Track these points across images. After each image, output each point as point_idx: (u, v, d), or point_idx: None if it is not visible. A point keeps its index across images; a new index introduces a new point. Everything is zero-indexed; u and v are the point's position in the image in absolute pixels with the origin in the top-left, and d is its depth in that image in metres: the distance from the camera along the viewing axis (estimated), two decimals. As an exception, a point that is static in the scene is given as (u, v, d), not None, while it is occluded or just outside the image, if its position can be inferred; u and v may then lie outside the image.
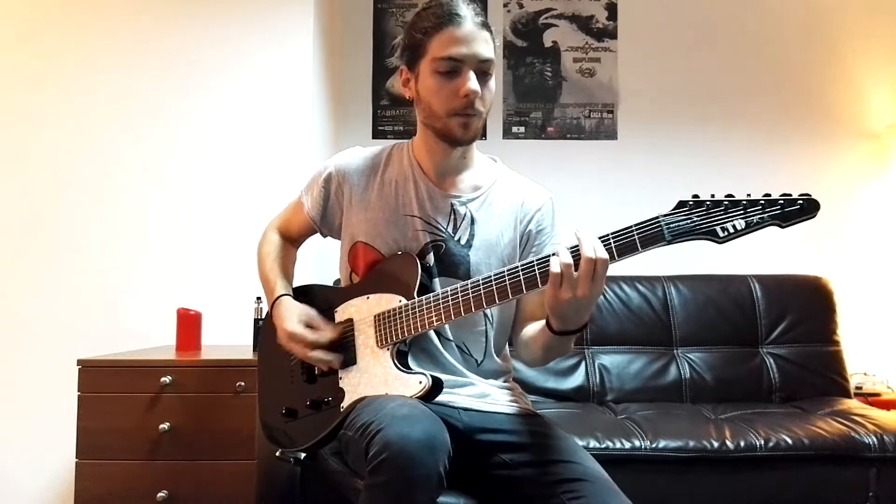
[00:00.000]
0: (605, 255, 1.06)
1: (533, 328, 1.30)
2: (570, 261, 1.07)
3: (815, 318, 2.46)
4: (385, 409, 1.11)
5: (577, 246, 1.07)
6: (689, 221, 1.05)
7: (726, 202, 1.04)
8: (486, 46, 1.28)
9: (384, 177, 1.41)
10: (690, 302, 2.47)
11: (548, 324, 1.18)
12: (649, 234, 1.06)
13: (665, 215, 1.06)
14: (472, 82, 1.26)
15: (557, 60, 2.86)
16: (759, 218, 1.03)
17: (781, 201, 1.03)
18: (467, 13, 1.28)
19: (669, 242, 1.06)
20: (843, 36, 2.82)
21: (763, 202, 1.03)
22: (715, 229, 1.04)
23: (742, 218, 1.03)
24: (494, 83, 1.32)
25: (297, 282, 1.52)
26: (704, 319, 2.45)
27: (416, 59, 1.31)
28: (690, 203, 1.06)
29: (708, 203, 1.05)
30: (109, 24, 2.33)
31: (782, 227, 1.04)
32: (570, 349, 1.27)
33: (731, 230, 1.04)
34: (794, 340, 2.43)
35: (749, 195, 1.04)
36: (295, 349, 1.33)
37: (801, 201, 1.03)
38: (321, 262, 2.25)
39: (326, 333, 1.33)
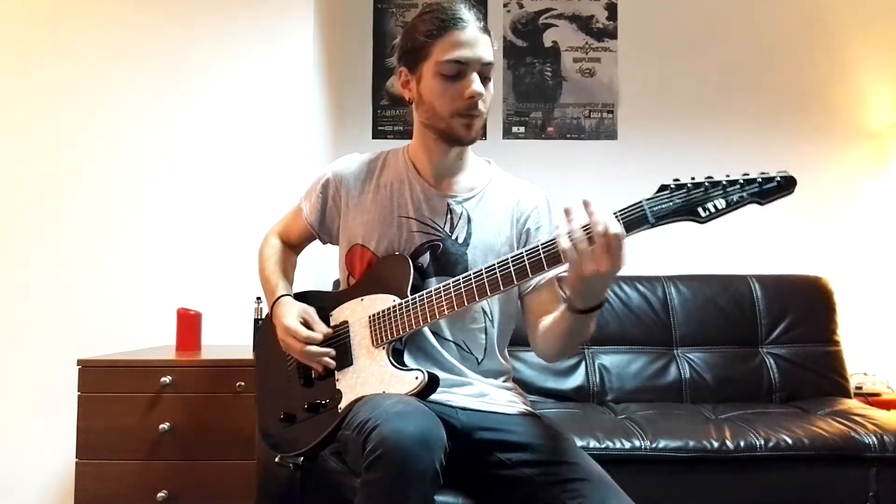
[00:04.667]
0: (619, 229, 1.05)
1: (550, 318, 1.30)
2: (582, 235, 1.06)
3: (815, 318, 2.45)
4: (381, 406, 1.12)
5: (588, 225, 1.07)
6: (671, 203, 1.06)
7: (706, 183, 1.05)
8: (488, 50, 1.32)
9: (380, 180, 1.43)
10: (690, 302, 2.47)
11: (570, 307, 1.18)
12: (633, 218, 1.07)
13: (647, 199, 1.08)
14: (477, 84, 1.29)
15: (557, 60, 2.86)
16: (739, 196, 1.04)
17: (759, 179, 1.04)
18: (470, 17, 1.31)
19: (653, 225, 1.07)
20: (842, 36, 2.82)
21: (742, 181, 1.04)
22: (696, 209, 1.05)
23: (722, 197, 1.04)
24: (493, 85, 1.35)
25: (297, 286, 1.53)
26: (704, 319, 2.45)
27: (418, 61, 1.33)
28: (672, 186, 1.07)
29: (689, 185, 1.06)
30: (109, 24, 2.33)
31: (762, 203, 1.05)
32: (590, 332, 1.26)
33: (713, 209, 1.05)
34: (794, 340, 2.42)
35: (728, 175, 1.06)
36: (290, 344, 1.34)
37: (778, 178, 1.04)
38: (321, 267, 2.25)
39: (320, 331, 1.35)
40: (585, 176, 2.81)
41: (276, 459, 1.42)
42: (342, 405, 1.28)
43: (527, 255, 1.16)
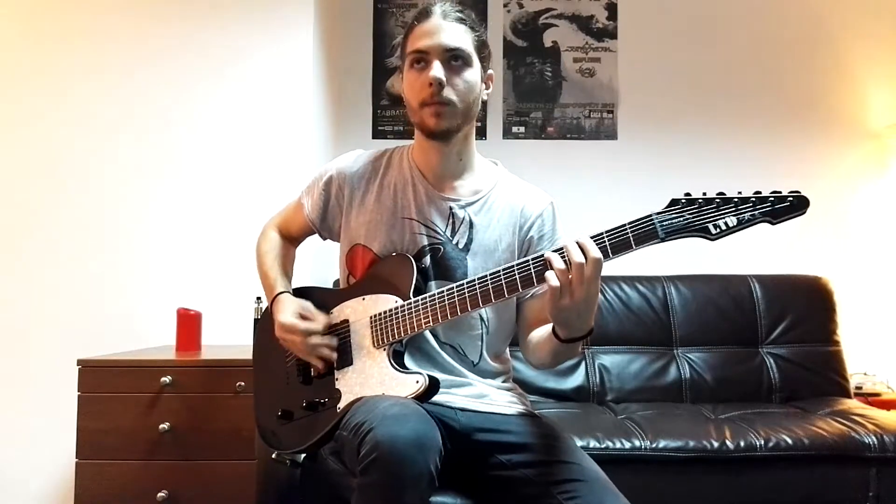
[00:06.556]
0: (597, 255, 1.06)
1: (539, 334, 1.30)
2: (564, 266, 1.07)
3: (815, 318, 2.45)
4: (377, 408, 1.11)
5: (562, 249, 1.08)
6: (681, 219, 1.06)
7: (718, 200, 1.05)
8: (455, 37, 1.29)
9: (384, 180, 1.42)
10: (690, 302, 2.47)
11: (554, 333, 1.19)
12: (643, 232, 1.07)
13: (658, 213, 1.07)
14: (435, 70, 1.27)
15: (557, 60, 2.86)
16: (751, 215, 1.04)
17: (772, 198, 1.04)
18: (437, 9, 1.31)
19: (663, 240, 1.07)
20: (843, 36, 2.81)
21: (754, 199, 1.04)
22: (707, 226, 1.05)
23: (734, 215, 1.05)
24: (475, 75, 1.32)
25: (296, 283, 1.52)
26: (704, 319, 2.45)
27: (402, 59, 1.36)
28: (683, 201, 1.07)
29: (700, 201, 1.06)
30: (108, 24, 2.33)
31: (773, 223, 1.05)
32: (577, 353, 1.27)
33: (724, 227, 1.05)
34: (794, 340, 2.43)
35: (740, 193, 1.05)
36: (290, 339, 1.34)
37: (790, 198, 1.04)
38: (320, 264, 2.25)
39: (320, 322, 1.34)
40: (585, 176, 2.81)
41: (273, 456, 1.42)
42: (341, 405, 1.28)
43: (517, 269, 1.16)
